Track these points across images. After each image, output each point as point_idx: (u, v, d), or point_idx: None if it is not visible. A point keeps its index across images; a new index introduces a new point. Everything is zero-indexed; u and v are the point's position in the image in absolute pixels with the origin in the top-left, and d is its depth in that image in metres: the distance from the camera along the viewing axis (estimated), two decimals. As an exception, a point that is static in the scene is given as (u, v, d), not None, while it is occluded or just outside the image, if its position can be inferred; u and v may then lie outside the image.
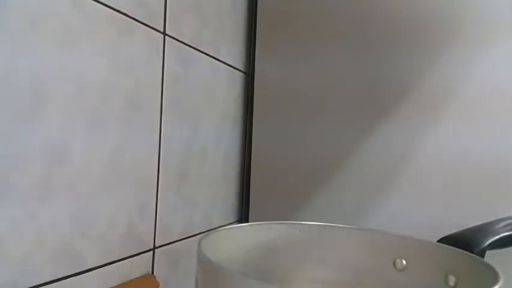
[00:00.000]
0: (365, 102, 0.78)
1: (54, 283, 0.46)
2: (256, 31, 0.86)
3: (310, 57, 0.82)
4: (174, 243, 0.67)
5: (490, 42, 0.71)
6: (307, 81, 0.82)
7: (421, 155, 0.74)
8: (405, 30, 0.76)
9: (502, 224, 0.48)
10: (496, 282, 0.34)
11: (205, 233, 0.43)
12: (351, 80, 0.79)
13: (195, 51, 0.70)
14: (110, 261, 0.54)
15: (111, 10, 0.52)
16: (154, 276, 0.61)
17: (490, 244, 0.45)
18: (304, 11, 0.82)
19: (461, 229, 0.48)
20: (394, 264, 0.48)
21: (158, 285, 0.60)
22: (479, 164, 0.71)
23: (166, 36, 0.62)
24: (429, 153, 0.74)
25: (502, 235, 0.47)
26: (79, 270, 0.49)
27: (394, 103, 0.76)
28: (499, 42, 0.71)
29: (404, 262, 0.47)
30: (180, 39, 0.66)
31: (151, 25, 0.59)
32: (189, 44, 0.68)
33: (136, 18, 0.56)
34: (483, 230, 0.47)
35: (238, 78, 0.86)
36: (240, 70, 0.86)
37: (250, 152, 0.86)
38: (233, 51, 0.83)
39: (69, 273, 0.48)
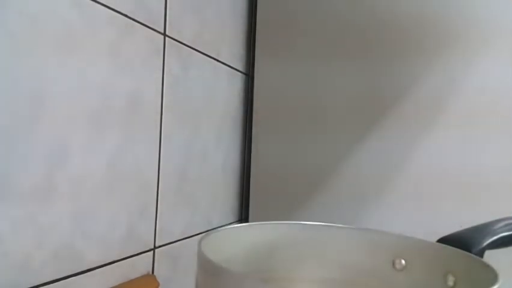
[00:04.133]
0: (365, 103, 0.78)
1: (55, 283, 0.46)
2: (256, 32, 0.86)
3: (310, 58, 0.82)
4: (174, 243, 0.67)
5: (489, 45, 0.71)
6: (307, 83, 0.82)
7: (421, 157, 0.74)
8: (405, 34, 0.76)
9: (501, 224, 0.48)
10: (494, 282, 0.34)
11: (205, 233, 0.43)
12: (350, 82, 0.79)
13: (195, 52, 0.70)
14: (110, 261, 0.54)
15: (111, 11, 0.52)
16: (154, 276, 0.61)
17: (488, 244, 0.45)
18: (304, 13, 0.82)
19: (460, 229, 0.48)
20: (393, 264, 0.48)
21: (158, 285, 0.60)
22: (479, 167, 0.71)
23: (166, 37, 0.62)
24: (429, 155, 0.74)
25: (500, 235, 0.47)
26: (79, 270, 0.49)
27: (393, 107, 0.76)
28: (500, 46, 0.71)
29: (403, 262, 0.47)
30: (180, 40, 0.66)
31: (152, 26, 0.59)
32: (189, 45, 0.68)
33: (137, 19, 0.56)
34: (482, 230, 0.47)
35: (238, 79, 0.86)
36: (240, 71, 0.86)
37: (250, 152, 0.86)
38: (233, 52, 0.83)
39: (69, 273, 0.48)
